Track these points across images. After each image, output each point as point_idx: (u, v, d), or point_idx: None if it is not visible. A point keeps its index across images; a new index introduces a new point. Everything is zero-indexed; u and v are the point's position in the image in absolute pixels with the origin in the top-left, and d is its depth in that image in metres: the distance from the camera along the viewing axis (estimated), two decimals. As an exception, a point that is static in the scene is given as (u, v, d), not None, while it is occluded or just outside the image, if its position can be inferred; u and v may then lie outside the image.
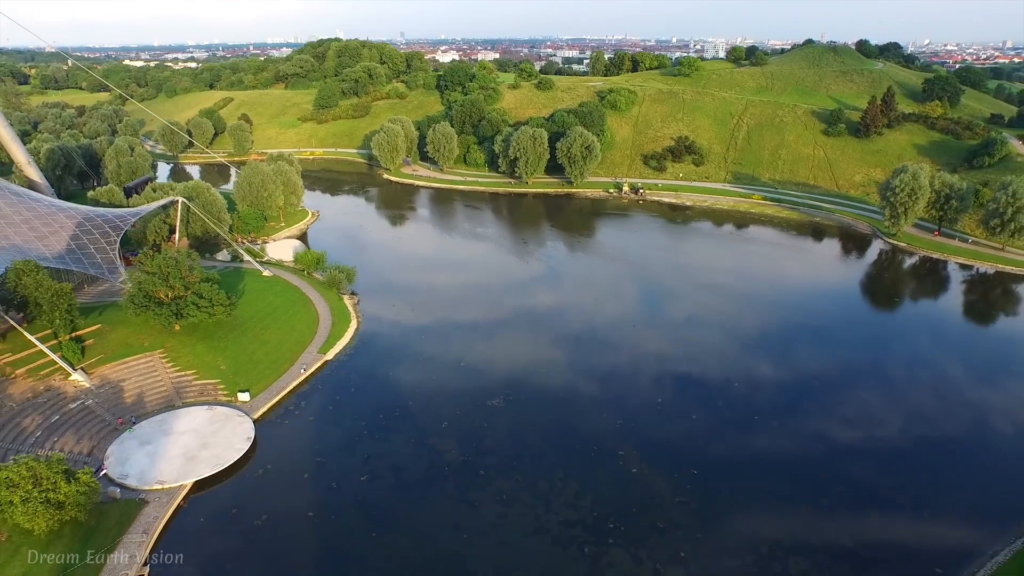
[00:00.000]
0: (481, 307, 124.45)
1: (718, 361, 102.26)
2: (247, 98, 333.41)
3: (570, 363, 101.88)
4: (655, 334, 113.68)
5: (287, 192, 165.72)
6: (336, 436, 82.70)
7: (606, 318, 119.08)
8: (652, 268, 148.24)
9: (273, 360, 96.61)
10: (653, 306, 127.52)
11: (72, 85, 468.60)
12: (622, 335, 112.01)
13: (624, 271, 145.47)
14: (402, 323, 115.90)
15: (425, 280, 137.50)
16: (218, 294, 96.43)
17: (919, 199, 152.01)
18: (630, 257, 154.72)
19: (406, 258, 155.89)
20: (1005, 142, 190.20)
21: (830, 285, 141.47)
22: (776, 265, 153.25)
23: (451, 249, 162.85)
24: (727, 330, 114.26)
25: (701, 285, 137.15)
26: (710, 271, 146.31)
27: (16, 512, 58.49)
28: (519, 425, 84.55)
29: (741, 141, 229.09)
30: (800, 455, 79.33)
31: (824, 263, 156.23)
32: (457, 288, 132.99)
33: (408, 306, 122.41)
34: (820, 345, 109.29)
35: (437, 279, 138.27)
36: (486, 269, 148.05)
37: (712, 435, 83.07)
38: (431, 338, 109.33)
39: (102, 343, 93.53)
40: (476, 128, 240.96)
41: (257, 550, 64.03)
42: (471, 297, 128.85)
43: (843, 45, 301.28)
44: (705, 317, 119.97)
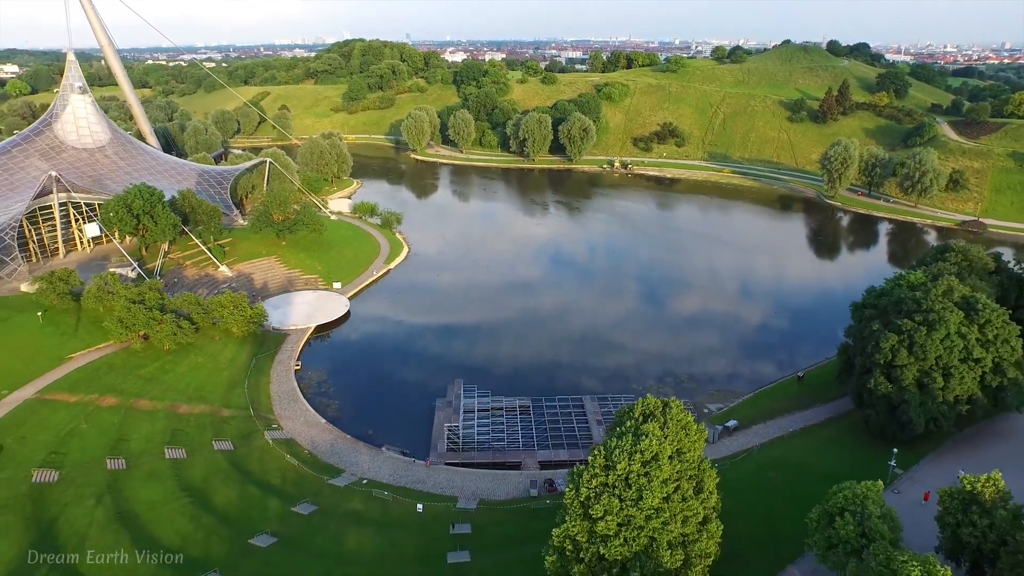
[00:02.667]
0: (499, 241, 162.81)
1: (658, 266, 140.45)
2: (282, 92, 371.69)
3: (559, 269, 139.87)
4: (624, 254, 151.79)
5: (339, 162, 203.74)
6: (401, 306, 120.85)
7: (591, 246, 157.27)
8: (632, 218, 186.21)
9: (352, 266, 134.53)
10: (626, 238, 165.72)
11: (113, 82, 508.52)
12: (600, 255, 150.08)
13: (609, 220, 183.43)
14: (440, 250, 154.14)
15: (455, 225, 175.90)
16: (315, 218, 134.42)
17: (850, 167, 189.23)
18: (616, 211, 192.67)
19: (438, 211, 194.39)
20: (934, 125, 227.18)
21: (770, 229, 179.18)
22: (731, 216, 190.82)
23: (473, 206, 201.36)
24: (674, 249, 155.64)
25: (668, 228, 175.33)
26: (677, 220, 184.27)
27: (228, 318, 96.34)
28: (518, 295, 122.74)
29: (717, 126, 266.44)
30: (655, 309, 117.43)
31: (771, 216, 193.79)
32: (479, 230, 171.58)
33: (444, 240, 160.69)
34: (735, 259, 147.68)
35: (464, 225, 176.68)
36: (501, 218, 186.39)
37: (625, 292, 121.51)
38: (462, 259, 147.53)
39: (234, 250, 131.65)
40: (490, 115, 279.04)
41: (355, 360, 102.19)
42: (491, 234, 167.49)
43: (814, 45, 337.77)
44: (660, 244, 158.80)
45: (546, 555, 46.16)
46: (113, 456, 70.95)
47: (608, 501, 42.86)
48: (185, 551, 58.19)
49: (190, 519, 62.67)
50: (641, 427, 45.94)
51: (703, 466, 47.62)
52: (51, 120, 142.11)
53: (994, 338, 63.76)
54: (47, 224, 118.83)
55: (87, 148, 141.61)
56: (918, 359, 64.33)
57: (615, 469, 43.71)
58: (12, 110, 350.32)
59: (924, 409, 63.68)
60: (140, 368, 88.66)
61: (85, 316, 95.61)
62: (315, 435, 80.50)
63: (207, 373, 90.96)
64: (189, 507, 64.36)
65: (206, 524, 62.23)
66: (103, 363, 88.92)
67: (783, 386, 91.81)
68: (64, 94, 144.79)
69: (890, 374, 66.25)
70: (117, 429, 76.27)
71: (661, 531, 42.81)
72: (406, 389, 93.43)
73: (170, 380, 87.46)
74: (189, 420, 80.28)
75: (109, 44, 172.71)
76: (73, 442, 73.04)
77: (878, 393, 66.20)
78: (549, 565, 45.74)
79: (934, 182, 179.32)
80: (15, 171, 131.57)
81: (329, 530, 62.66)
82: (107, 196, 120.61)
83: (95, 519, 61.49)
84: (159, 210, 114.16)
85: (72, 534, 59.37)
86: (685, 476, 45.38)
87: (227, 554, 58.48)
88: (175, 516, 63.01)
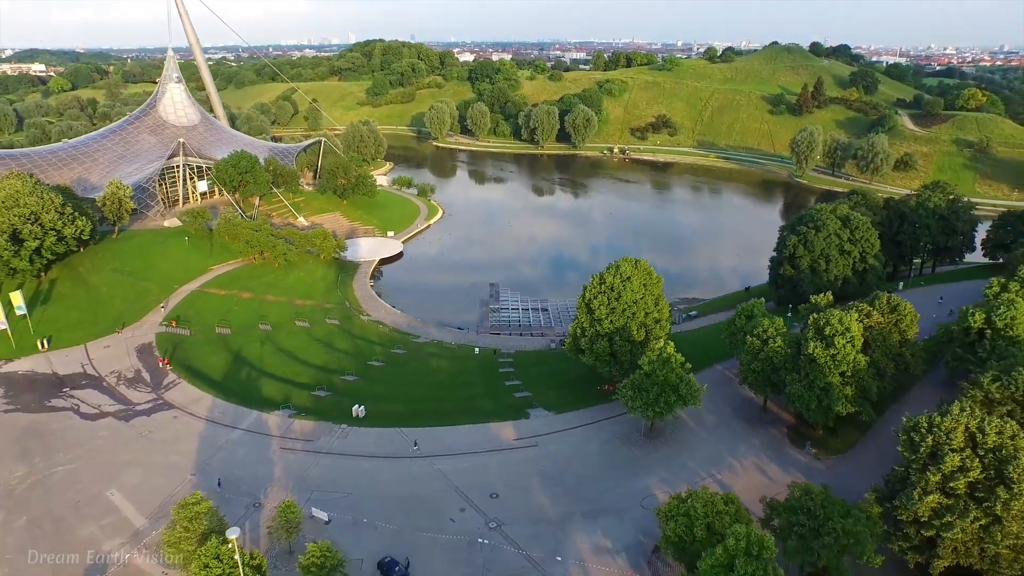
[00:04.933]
0: (516, 206, 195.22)
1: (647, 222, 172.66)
2: (310, 88, 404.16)
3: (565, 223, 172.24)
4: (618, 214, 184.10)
5: (376, 145, 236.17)
6: (443, 245, 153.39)
7: (591, 209, 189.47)
8: (628, 192, 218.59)
9: (400, 221, 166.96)
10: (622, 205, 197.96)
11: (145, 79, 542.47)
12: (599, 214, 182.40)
13: (608, 193, 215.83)
14: (469, 212, 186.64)
15: (478, 196, 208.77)
16: (370, 183, 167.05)
17: (815, 149, 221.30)
18: (614, 188, 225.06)
19: (462, 187, 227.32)
20: (895, 117, 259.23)
21: (744, 199, 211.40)
22: (713, 190, 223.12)
23: (491, 183, 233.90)
24: (661, 211, 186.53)
25: (658, 198, 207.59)
26: (666, 193, 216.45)
27: (320, 245, 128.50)
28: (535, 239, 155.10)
29: (706, 118, 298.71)
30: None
31: (746, 190, 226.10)
32: (499, 199, 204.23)
33: (471, 205, 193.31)
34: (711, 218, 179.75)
35: (485, 196, 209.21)
36: (516, 191, 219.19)
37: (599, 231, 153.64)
38: (487, 218, 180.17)
39: (306, 206, 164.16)
40: (503, 108, 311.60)
41: (412, 280, 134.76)
42: (509, 202, 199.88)
43: (796, 46, 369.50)
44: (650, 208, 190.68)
45: (564, 343, 78.49)
46: (261, 323, 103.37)
47: (601, 299, 75.13)
48: (328, 367, 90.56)
49: (326, 353, 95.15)
50: (620, 264, 78.14)
51: (660, 301, 79.57)
52: (155, 103, 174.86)
53: (860, 238, 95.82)
54: (170, 180, 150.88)
55: (183, 126, 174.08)
56: (810, 251, 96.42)
57: (605, 282, 75.96)
58: (62, 104, 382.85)
59: (814, 285, 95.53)
60: (261, 277, 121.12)
61: (216, 242, 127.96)
62: (395, 319, 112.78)
63: (308, 282, 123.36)
64: (323, 349, 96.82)
65: (337, 356, 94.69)
66: (235, 273, 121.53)
67: (734, 295, 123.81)
68: (164, 83, 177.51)
69: (792, 263, 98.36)
70: (257, 310, 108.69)
71: (632, 318, 74.99)
72: (453, 296, 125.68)
73: (284, 284, 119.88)
74: (304, 308, 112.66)
75: (196, 42, 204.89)
76: (231, 315, 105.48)
77: (785, 276, 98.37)
78: (567, 345, 78.12)
79: (884, 162, 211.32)
80: (132, 143, 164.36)
81: (418, 360, 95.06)
82: (211, 161, 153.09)
83: (265, 352, 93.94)
84: (257, 170, 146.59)
85: (254, 358, 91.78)
86: (649, 294, 77.48)
87: (356, 368, 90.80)
88: (316, 351, 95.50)
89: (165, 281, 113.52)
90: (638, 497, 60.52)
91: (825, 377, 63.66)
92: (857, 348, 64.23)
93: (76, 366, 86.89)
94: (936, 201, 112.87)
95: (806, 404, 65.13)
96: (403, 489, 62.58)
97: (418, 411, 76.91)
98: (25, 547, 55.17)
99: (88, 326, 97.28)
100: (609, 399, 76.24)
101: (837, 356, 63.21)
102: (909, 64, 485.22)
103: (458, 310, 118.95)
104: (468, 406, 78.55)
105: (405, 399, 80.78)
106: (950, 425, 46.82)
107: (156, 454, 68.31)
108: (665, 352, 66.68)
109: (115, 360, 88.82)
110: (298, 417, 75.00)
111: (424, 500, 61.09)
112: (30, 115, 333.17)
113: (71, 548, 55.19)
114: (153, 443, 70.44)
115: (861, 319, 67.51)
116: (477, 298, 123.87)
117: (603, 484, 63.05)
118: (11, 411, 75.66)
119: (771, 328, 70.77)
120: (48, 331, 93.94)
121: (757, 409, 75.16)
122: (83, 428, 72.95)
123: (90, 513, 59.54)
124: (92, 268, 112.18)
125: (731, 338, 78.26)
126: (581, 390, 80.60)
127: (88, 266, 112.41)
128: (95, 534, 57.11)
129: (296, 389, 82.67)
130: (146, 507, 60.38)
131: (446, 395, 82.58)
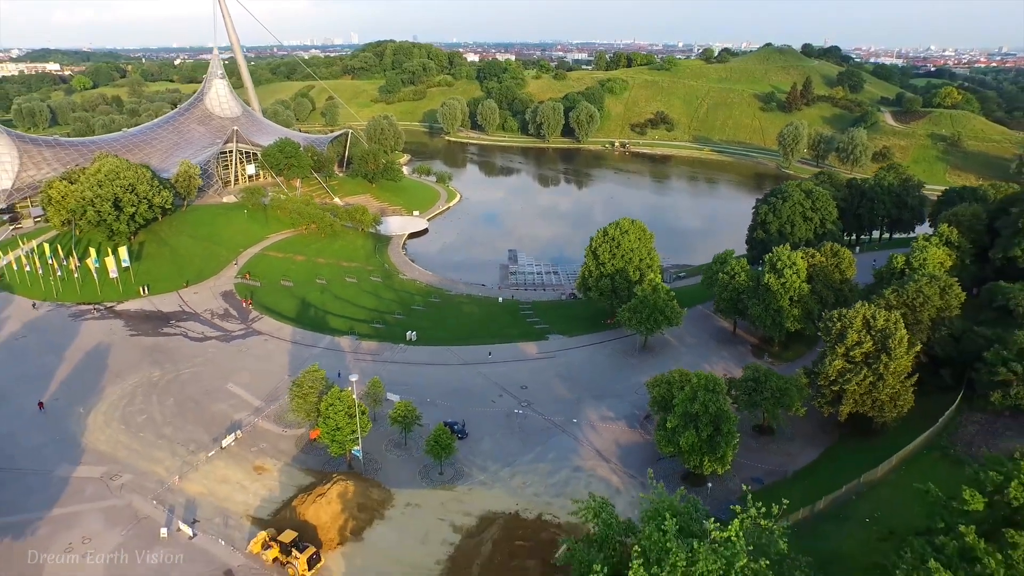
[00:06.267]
0: (526, 192, 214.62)
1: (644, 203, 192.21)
2: (325, 86, 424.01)
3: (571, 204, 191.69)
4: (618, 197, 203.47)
5: (395, 137, 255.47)
6: (463, 223, 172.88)
7: (593, 194, 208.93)
8: (627, 181, 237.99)
9: (423, 203, 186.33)
10: (621, 191, 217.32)
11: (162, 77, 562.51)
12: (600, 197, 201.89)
13: (609, 182, 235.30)
14: (484, 197, 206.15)
15: (491, 183, 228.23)
16: (396, 169, 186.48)
17: (800, 142, 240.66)
18: (615, 177, 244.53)
19: (475, 176, 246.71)
20: (876, 113, 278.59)
21: (734, 187, 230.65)
22: (707, 179, 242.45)
23: (501, 173, 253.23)
24: (659, 196, 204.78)
25: (655, 186, 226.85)
26: (663, 182, 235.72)
27: (360, 218, 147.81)
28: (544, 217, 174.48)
29: (702, 115, 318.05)
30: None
31: (737, 180, 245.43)
32: (510, 186, 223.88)
33: (486, 191, 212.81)
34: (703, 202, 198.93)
35: (497, 183, 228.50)
36: (525, 180, 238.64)
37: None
38: (502, 202, 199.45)
39: (339, 189, 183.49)
40: (511, 105, 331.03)
41: (437, 250, 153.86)
42: (519, 189, 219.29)
43: (788, 47, 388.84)
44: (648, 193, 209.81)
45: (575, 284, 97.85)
46: (317, 278, 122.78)
47: (604, 247, 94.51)
48: (379, 309, 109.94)
49: (376, 300, 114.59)
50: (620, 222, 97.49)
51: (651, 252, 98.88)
52: (202, 97, 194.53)
53: (820, 207, 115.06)
54: (223, 163, 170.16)
55: (227, 117, 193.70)
56: (778, 217, 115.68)
57: (608, 234, 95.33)
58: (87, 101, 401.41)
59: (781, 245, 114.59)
60: (310, 244, 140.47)
61: (270, 215, 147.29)
62: (428, 278, 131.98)
63: (351, 249, 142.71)
64: (372, 297, 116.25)
65: (385, 301, 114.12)
66: (287, 240, 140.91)
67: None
68: (209, 79, 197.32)
69: (764, 228, 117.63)
70: (311, 269, 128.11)
71: (629, 262, 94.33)
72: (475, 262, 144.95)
73: (330, 250, 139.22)
74: (350, 268, 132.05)
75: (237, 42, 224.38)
76: (290, 272, 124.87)
77: (757, 239, 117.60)
78: (577, 284, 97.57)
79: (863, 154, 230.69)
80: (184, 132, 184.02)
81: (452, 306, 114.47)
82: (258, 147, 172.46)
83: (325, 298, 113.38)
84: (300, 155, 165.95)
85: (317, 303, 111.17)
86: (643, 246, 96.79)
87: (402, 310, 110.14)
88: (367, 298, 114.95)
89: (231, 245, 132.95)
90: (633, 387, 79.75)
91: (777, 301, 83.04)
92: (802, 279, 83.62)
93: (175, 306, 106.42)
94: (890, 180, 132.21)
95: (764, 322, 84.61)
96: (455, 384, 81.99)
97: (458, 336, 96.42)
98: (178, 416, 74.64)
99: (175, 278, 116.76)
100: (611, 328, 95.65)
101: (786, 284, 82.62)
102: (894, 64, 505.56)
103: (480, 273, 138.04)
104: (498, 333, 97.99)
105: (446, 329, 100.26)
106: (852, 315, 66.09)
107: (257, 363, 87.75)
108: (655, 283, 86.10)
109: (205, 302, 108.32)
110: (364, 339, 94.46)
111: (471, 391, 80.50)
112: (63, 111, 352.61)
113: (211, 417, 74.64)
114: (252, 356, 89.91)
115: (806, 258, 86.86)
116: (496, 264, 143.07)
117: (607, 380, 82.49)
118: (135, 335, 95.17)
119: (737, 266, 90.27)
120: (144, 281, 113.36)
121: (728, 334, 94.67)
122: (194, 347, 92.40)
123: (218, 397, 79.00)
124: (171, 233, 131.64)
125: (708, 280, 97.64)
126: (589, 323, 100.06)
127: (167, 232, 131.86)
128: (225, 409, 76.54)
129: (356, 323, 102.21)
130: (259, 394, 79.85)
131: (479, 327, 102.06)
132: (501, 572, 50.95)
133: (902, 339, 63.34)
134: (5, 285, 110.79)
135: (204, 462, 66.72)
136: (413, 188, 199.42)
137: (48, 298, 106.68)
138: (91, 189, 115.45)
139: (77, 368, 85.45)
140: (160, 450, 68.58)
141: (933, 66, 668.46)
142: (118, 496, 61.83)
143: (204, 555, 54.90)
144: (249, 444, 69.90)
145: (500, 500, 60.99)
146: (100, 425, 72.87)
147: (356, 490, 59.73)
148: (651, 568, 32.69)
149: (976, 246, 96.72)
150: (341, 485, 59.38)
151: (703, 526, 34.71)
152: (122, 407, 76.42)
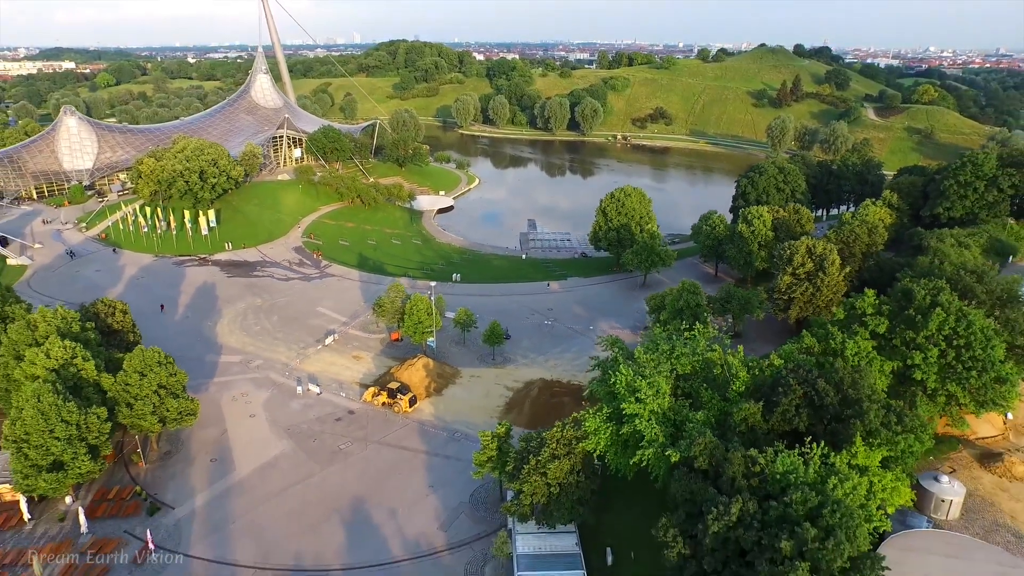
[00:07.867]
0: (534, 179, 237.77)
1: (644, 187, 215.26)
2: (342, 83, 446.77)
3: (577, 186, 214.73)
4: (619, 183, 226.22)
5: (415, 129, 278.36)
6: (483, 201, 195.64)
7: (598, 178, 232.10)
8: (628, 170, 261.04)
9: (447, 185, 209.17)
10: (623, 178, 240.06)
11: (181, 75, 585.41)
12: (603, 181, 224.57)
13: (611, 170, 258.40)
14: (499, 179, 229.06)
15: (504, 171, 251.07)
16: (424, 154, 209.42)
17: (787, 134, 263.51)
18: (617, 166, 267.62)
19: (489, 165, 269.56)
20: (859, 109, 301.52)
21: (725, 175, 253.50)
22: (702, 168, 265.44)
23: (513, 162, 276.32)
24: (657, 182, 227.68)
25: (654, 174, 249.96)
26: (661, 170, 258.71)
27: (397, 194, 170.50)
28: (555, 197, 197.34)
29: (698, 110, 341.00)
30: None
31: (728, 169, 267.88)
32: (521, 174, 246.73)
33: (500, 177, 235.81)
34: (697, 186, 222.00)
35: (510, 170, 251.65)
36: (535, 168, 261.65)
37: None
38: (515, 185, 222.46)
39: (374, 171, 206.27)
40: (519, 101, 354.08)
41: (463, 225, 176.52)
42: (530, 175, 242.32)
43: (781, 47, 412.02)
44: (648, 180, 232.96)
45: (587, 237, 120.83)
46: (368, 240, 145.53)
47: (611, 206, 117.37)
48: (424, 261, 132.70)
49: (420, 256, 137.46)
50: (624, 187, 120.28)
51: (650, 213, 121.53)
52: (248, 90, 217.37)
53: (791, 180, 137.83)
54: (273, 147, 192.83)
55: (271, 108, 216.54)
56: (755, 189, 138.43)
57: (614, 197, 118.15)
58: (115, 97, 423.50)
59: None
60: (357, 214, 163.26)
61: (320, 191, 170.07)
62: (460, 243, 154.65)
63: (391, 220, 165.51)
64: (417, 253, 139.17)
65: (427, 257, 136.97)
66: (338, 211, 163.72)
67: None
68: (254, 74, 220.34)
69: (744, 198, 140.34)
70: (361, 233, 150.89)
71: (631, 219, 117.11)
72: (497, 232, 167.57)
73: (374, 220, 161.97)
74: (394, 234, 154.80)
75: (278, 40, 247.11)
76: (345, 234, 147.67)
77: (739, 207, 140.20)
78: (589, 236, 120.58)
79: (843, 145, 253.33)
80: (233, 120, 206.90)
81: (483, 261, 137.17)
82: (303, 133, 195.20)
83: (379, 254, 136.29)
84: (341, 140, 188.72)
85: (373, 257, 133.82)
86: (643, 206, 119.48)
87: (444, 262, 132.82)
88: (413, 254, 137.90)
89: (292, 213, 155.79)
90: (635, 311, 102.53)
91: (748, 245, 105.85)
92: (768, 227, 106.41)
93: (257, 257, 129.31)
94: (854, 160, 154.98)
95: (738, 263, 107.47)
96: (497, 307, 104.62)
97: (495, 278, 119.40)
98: (284, 327, 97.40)
99: (251, 238, 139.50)
100: (618, 272, 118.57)
101: (755, 232, 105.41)
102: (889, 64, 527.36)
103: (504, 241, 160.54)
104: (526, 277, 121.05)
105: (483, 275, 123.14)
106: (799, 244, 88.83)
107: (336, 295, 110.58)
108: (652, 231, 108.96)
109: (281, 255, 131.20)
110: (418, 278, 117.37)
111: (510, 311, 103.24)
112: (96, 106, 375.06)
113: (310, 328, 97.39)
114: (331, 290, 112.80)
115: (771, 212, 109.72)
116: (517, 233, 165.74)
117: (615, 305, 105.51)
118: (232, 276, 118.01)
119: (717, 220, 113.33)
120: (226, 239, 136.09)
121: (711, 276, 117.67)
122: (283, 285, 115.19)
123: (312, 316, 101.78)
124: (241, 202, 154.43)
125: (696, 232, 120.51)
126: (599, 271, 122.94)
127: (238, 201, 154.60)
128: (319, 323, 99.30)
129: (409, 269, 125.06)
130: (344, 314, 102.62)
131: (509, 273, 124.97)
132: (545, 405, 73.84)
133: (835, 261, 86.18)
134: (112, 242, 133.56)
135: (314, 353, 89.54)
136: (437, 173, 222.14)
137: (151, 252, 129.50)
138: (181, 163, 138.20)
139: (194, 298, 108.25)
140: (278, 346, 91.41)
141: (927, 66, 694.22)
142: (257, 371, 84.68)
143: (331, 403, 77.75)
144: (344, 343, 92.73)
145: (539, 373, 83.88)
146: (226, 332, 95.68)
147: (434, 364, 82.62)
148: (648, 354, 55.41)
149: (913, 208, 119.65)
150: (424, 359, 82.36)
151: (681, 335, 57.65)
152: (239, 321, 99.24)
